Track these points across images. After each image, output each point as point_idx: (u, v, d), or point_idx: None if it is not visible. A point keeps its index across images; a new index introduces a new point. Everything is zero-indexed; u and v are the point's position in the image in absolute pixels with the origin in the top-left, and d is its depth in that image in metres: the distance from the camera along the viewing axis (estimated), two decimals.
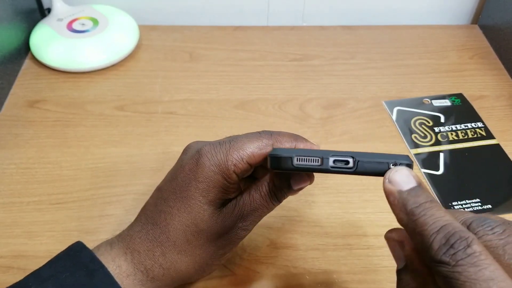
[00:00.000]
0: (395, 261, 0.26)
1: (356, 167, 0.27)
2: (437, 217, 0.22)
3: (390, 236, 0.27)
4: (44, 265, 0.30)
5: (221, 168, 0.31)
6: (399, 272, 0.26)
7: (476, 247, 0.20)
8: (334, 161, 0.27)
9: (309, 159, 0.27)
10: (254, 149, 0.31)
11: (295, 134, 0.33)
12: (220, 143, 0.32)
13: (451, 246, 0.20)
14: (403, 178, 0.24)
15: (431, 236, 0.21)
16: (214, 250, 0.33)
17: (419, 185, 0.24)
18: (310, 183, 0.33)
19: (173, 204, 0.32)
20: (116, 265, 0.31)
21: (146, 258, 0.31)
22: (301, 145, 0.33)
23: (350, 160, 0.27)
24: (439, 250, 0.21)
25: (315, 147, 0.33)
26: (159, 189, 0.34)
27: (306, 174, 0.32)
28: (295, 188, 0.32)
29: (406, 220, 0.23)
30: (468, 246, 0.20)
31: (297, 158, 0.27)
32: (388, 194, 0.24)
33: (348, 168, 0.27)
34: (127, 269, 0.31)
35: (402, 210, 0.23)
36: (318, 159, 0.27)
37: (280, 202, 0.33)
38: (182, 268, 0.32)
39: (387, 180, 0.24)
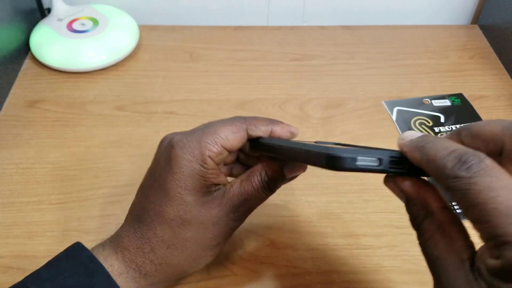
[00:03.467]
0: (399, 199, 0.28)
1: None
2: (447, 144, 0.23)
3: (386, 179, 0.28)
4: (43, 266, 0.30)
5: (194, 155, 0.31)
6: (406, 206, 0.27)
7: (489, 161, 0.22)
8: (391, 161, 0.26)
9: (368, 160, 0.26)
10: (228, 133, 0.32)
11: (270, 118, 0.34)
12: (192, 131, 0.32)
13: (465, 162, 0.22)
14: (412, 133, 0.26)
15: (444, 158, 0.22)
16: (205, 241, 0.32)
17: (426, 134, 0.26)
18: (303, 171, 0.33)
19: (154, 199, 0.32)
20: (109, 264, 0.31)
21: (137, 256, 0.31)
22: (277, 128, 0.33)
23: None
24: (453, 167, 0.22)
25: (292, 129, 0.33)
26: (141, 187, 0.34)
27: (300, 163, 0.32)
28: (289, 176, 0.32)
29: (419, 156, 0.24)
30: (481, 160, 0.21)
31: (360, 159, 0.25)
32: (401, 146, 0.26)
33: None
34: (119, 267, 0.31)
35: (414, 150, 0.24)
36: (376, 159, 0.26)
37: (273, 192, 0.33)
38: (174, 262, 0.32)
39: (400, 139, 0.26)
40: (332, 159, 0.25)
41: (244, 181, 0.32)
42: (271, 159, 0.33)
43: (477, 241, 0.23)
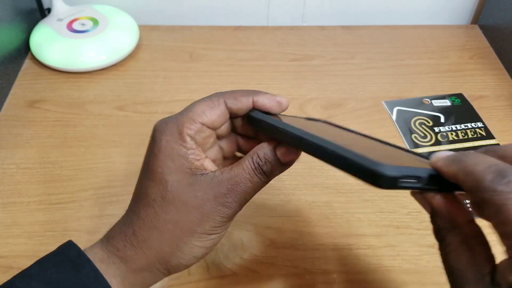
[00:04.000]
0: (425, 210, 0.27)
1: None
2: (487, 159, 0.23)
3: (413, 192, 0.27)
4: (32, 264, 0.30)
5: (173, 135, 0.30)
6: (431, 217, 0.27)
7: None
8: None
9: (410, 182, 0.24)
10: (205, 108, 0.31)
11: (252, 90, 0.33)
12: (172, 114, 0.32)
13: (505, 177, 0.21)
14: (446, 152, 0.25)
15: (484, 171, 0.22)
16: (188, 225, 0.30)
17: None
18: (298, 156, 0.31)
19: (140, 184, 0.32)
20: (93, 253, 0.31)
21: (119, 240, 0.31)
22: (260, 98, 0.32)
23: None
24: (493, 180, 0.22)
25: (280, 99, 0.32)
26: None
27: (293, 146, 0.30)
28: (283, 160, 0.30)
29: (456, 168, 0.23)
30: None
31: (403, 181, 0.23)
32: (435, 163, 0.25)
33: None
34: (101, 255, 0.31)
35: (451, 164, 0.24)
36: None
37: (268, 178, 0.31)
38: (155, 246, 0.30)
39: (434, 159, 0.25)
40: (377, 177, 0.23)
41: (235, 165, 0.30)
42: (269, 139, 0.31)
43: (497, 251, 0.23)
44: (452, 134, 0.53)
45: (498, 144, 0.52)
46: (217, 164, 0.34)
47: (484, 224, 0.24)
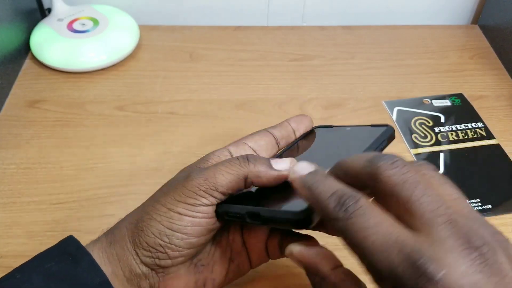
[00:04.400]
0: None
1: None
2: (331, 185, 0.24)
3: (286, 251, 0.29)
4: (33, 257, 0.31)
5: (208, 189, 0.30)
6: (307, 275, 0.28)
7: (363, 201, 0.23)
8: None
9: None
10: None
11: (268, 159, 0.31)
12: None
13: (343, 204, 0.23)
14: (302, 166, 0.27)
15: (327, 199, 0.24)
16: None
17: (316, 169, 0.27)
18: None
19: (159, 192, 0.32)
20: (94, 244, 0.31)
21: (119, 249, 0.31)
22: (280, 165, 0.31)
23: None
24: (334, 208, 0.23)
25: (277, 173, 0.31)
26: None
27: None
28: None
29: (308, 195, 0.25)
30: (357, 201, 0.23)
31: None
32: (292, 181, 0.27)
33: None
34: (101, 244, 0.31)
35: (304, 188, 0.26)
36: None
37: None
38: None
39: (291, 172, 0.27)
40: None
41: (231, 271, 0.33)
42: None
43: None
44: (452, 134, 0.53)
45: (498, 144, 0.52)
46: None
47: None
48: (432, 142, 0.52)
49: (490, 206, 0.46)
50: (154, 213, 0.30)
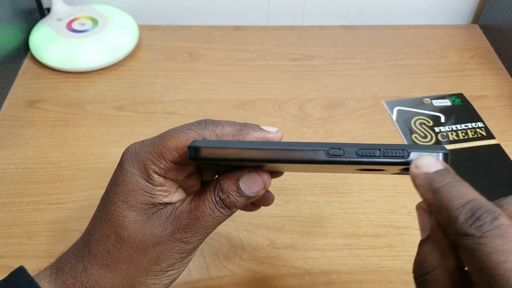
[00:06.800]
0: (420, 232, 0.25)
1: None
2: (464, 193, 0.21)
3: (420, 205, 0.25)
4: None
5: (139, 168, 0.27)
6: (421, 243, 0.25)
7: (504, 219, 0.20)
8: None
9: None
10: (179, 143, 0.27)
11: (240, 123, 0.28)
12: (146, 140, 0.28)
13: (478, 219, 0.20)
14: (429, 162, 0.23)
15: (457, 209, 0.21)
16: (144, 265, 0.28)
17: (446, 168, 0.23)
18: (265, 188, 0.28)
19: (97, 214, 0.29)
20: (43, 285, 0.28)
21: (69, 277, 0.28)
22: (254, 134, 0.28)
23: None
24: (465, 222, 0.20)
25: (271, 136, 0.28)
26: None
27: (258, 175, 0.27)
28: (248, 193, 0.27)
29: (432, 199, 0.22)
30: (495, 218, 0.20)
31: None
32: (414, 177, 0.23)
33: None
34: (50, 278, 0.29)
35: (428, 190, 0.22)
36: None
37: (231, 211, 0.28)
38: (107, 286, 0.28)
39: (414, 166, 0.24)
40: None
41: (195, 197, 0.28)
42: (229, 169, 0.28)
43: None
44: (452, 134, 0.53)
45: (498, 144, 0.52)
46: (197, 188, 0.31)
47: None
48: (432, 142, 0.52)
49: None
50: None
